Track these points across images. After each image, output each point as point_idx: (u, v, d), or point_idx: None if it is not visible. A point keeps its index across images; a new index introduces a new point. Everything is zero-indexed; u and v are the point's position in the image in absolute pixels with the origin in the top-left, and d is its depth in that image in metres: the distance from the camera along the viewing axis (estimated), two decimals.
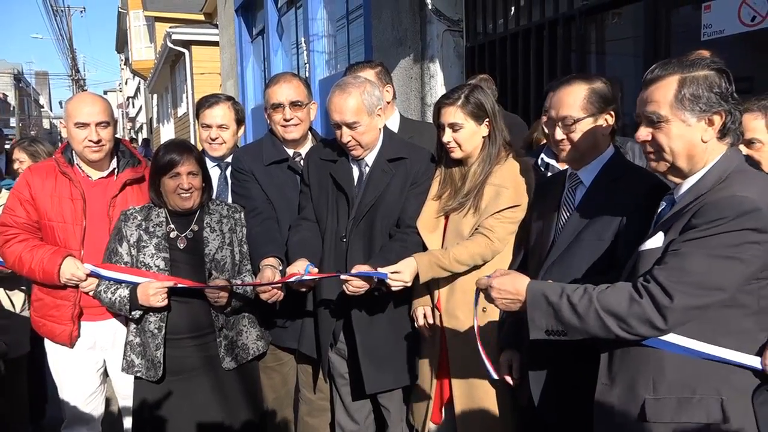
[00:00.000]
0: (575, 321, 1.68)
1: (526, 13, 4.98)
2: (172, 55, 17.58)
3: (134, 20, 25.76)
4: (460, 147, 2.49)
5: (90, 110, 2.74)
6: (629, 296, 1.62)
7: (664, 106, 1.65)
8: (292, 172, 2.91)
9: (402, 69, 5.98)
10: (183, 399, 2.64)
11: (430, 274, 2.46)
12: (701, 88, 1.63)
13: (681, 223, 1.62)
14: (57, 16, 33.51)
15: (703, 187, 1.65)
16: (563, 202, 2.21)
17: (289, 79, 2.91)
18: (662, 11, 3.84)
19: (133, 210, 2.69)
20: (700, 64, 1.66)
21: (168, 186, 2.61)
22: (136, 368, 2.64)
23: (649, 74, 1.71)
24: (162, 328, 2.60)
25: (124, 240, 2.64)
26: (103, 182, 2.84)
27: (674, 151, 1.66)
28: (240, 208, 2.85)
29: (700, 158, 1.67)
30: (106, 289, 2.63)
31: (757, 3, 3.31)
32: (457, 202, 2.52)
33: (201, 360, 2.66)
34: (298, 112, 2.88)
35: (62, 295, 2.79)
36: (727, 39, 3.51)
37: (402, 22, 5.95)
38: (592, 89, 2.09)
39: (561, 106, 2.11)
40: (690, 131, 1.65)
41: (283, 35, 11.20)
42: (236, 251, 2.74)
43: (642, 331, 1.61)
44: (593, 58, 4.61)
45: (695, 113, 1.63)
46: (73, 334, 2.82)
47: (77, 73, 45.34)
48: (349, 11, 8.42)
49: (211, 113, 3.15)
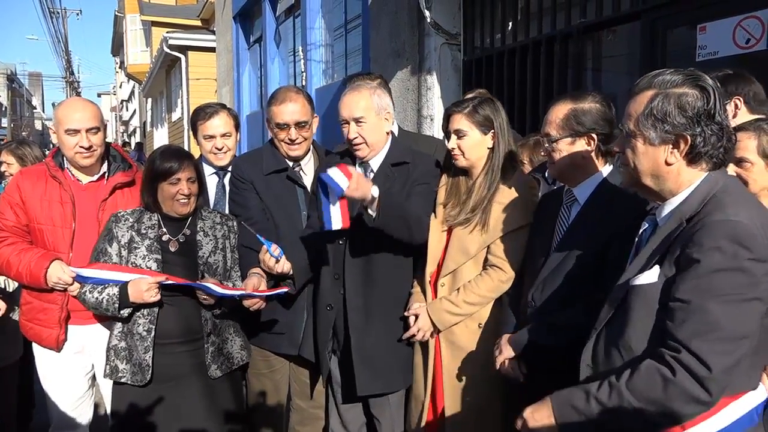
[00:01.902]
0: (611, 420, 1.53)
1: (524, 28, 5.03)
2: (168, 59, 17.55)
3: (131, 24, 25.77)
4: (464, 155, 2.52)
5: (80, 116, 2.74)
6: (661, 377, 1.45)
7: (633, 120, 1.58)
8: (291, 182, 2.92)
9: (399, 80, 6.01)
10: (168, 406, 2.62)
11: (448, 326, 2.52)
12: (672, 107, 1.52)
13: (674, 254, 1.51)
14: (53, 17, 33.45)
15: (686, 210, 1.55)
16: (559, 217, 2.23)
17: (294, 98, 2.87)
18: (659, 31, 3.89)
19: (125, 212, 2.69)
20: (685, 81, 1.54)
21: (167, 192, 2.62)
22: (120, 373, 2.60)
23: (635, 86, 1.63)
24: (152, 330, 2.58)
25: (114, 240, 2.63)
26: (93, 186, 2.85)
27: (638, 168, 1.60)
28: (233, 217, 2.87)
29: (672, 180, 1.57)
30: (91, 289, 2.59)
31: (752, 26, 3.36)
32: (463, 216, 2.53)
33: (188, 367, 2.64)
34: (303, 132, 2.89)
35: (50, 298, 2.78)
36: (721, 60, 3.56)
37: (400, 33, 5.98)
38: (574, 109, 2.09)
39: (546, 122, 2.15)
40: (653, 151, 1.56)
41: (281, 43, 11.22)
42: (228, 257, 2.77)
43: (687, 411, 1.45)
44: (589, 76, 4.66)
45: (658, 133, 1.54)
46: (60, 338, 2.81)
47: (71, 75, 45.17)
48: (347, 21, 8.46)
49: (212, 123, 3.16)
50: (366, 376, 2.62)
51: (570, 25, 4.55)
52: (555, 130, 2.11)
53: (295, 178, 2.92)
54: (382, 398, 2.73)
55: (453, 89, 5.55)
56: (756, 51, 3.35)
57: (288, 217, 2.88)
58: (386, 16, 6.26)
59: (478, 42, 5.53)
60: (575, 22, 4.52)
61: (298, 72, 10.19)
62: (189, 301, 2.62)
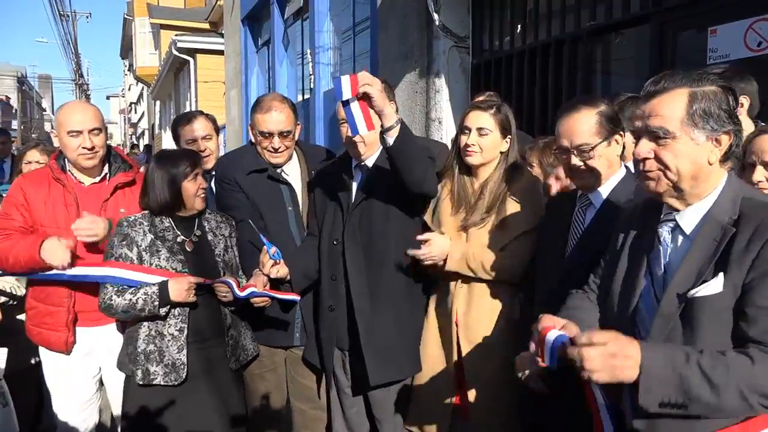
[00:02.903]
0: (707, 393, 1.37)
1: (533, 31, 5.02)
2: (176, 62, 17.64)
3: (140, 27, 25.91)
4: (482, 152, 2.55)
5: (82, 118, 2.76)
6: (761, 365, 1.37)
7: (672, 121, 1.51)
8: (274, 180, 2.95)
9: (407, 83, 6.00)
10: (198, 401, 2.66)
11: (455, 267, 2.52)
12: (713, 105, 1.49)
13: (741, 260, 1.45)
14: (63, 20, 33.68)
15: (722, 214, 1.51)
16: (574, 221, 2.21)
17: (279, 107, 2.90)
18: (669, 34, 3.87)
19: (136, 217, 2.71)
20: (708, 78, 1.53)
21: (190, 189, 2.70)
22: (152, 376, 2.62)
23: (653, 86, 1.56)
24: (184, 329, 2.63)
25: (134, 245, 2.65)
26: (96, 187, 2.87)
27: (680, 171, 1.52)
28: (231, 217, 2.93)
29: (704, 181, 1.54)
30: (119, 292, 2.60)
31: (764, 29, 3.34)
32: (479, 217, 2.56)
33: (214, 362, 2.71)
34: (286, 141, 2.92)
35: (55, 302, 2.78)
36: (732, 63, 3.54)
37: (409, 36, 5.98)
38: (601, 112, 2.10)
39: (574, 134, 2.10)
40: (698, 150, 1.51)
41: (289, 46, 11.24)
42: (237, 253, 2.88)
43: None
44: (598, 79, 4.64)
45: (705, 131, 1.50)
46: (69, 341, 2.81)
47: (81, 78, 45.46)
48: (356, 24, 8.47)
49: (192, 128, 3.32)
50: (378, 366, 2.63)
51: (579, 28, 4.54)
52: (591, 137, 2.08)
53: (276, 176, 2.95)
54: (385, 394, 2.73)
55: (461, 92, 5.54)
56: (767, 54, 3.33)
57: (274, 213, 2.92)
58: (395, 18, 6.26)
59: (486, 45, 5.52)
60: (584, 24, 4.50)
61: (306, 75, 10.21)
62: (211, 299, 2.69)
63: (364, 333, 2.63)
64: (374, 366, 2.63)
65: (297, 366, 3.01)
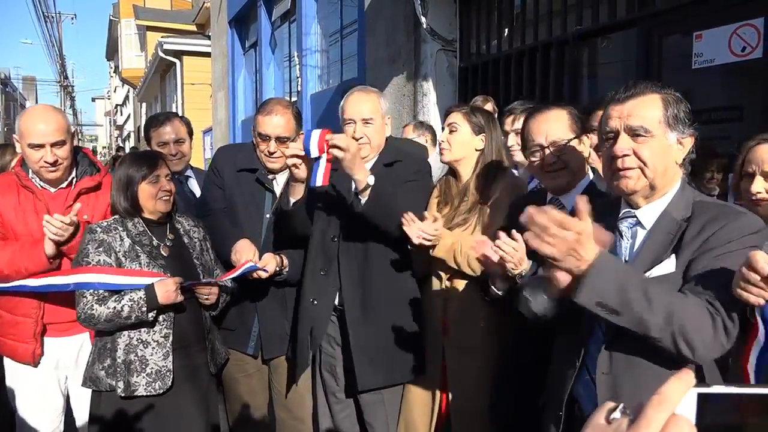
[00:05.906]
0: (640, 302, 1.45)
1: (520, 35, 5.04)
2: (163, 64, 17.55)
3: (125, 28, 25.75)
4: (450, 148, 2.57)
5: (44, 129, 2.56)
6: (707, 311, 1.49)
7: (652, 121, 1.62)
8: (258, 185, 2.91)
9: (395, 86, 6.00)
10: (183, 407, 2.58)
11: (442, 253, 2.52)
12: (680, 110, 1.63)
13: (690, 248, 1.59)
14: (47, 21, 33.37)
15: (677, 211, 1.64)
16: None
17: (281, 112, 2.86)
18: (655, 38, 3.90)
19: (109, 222, 2.62)
20: (665, 88, 1.68)
21: (148, 192, 2.59)
22: (133, 387, 2.50)
23: (625, 91, 1.67)
24: (169, 335, 2.56)
25: (111, 250, 2.56)
26: (63, 193, 2.74)
27: (656, 168, 1.63)
28: (200, 220, 2.89)
29: (670, 179, 1.66)
30: (100, 300, 2.49)
31: (748, 34, 3.37)
32: (461, 217, 2.57)
33: (197, 367, 2.66)
34: (283, 147, 2.85)
35: (23, 312, 2.67)
36: (717, 68, 3.57)
37: (396, 39, 5.98)
38: (570, 111, 2.21)
39: (549, 130, 2.18)
40: (669, 150, 1.64)
41: (276, 48, 11.22)
42: (212, 255, 2.83)
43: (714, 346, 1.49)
44: (585, 82, 4.66)
45: (676, 133, 1.63)
46: (36, 352, 2.70)
47: (66, 80, 45.06)
48: (343, 27, 8.46)
49: (164, 131, 3.28)
50: (366, 370, 2.61)
51: (566, 32, 4.56)
52: (565, 132, 2.16)
53: (263, 181, 2.91)
54: (376, 400, 2.70)
55: (449, 95, 5.55)
56: (752, 59, 3.36)
57: (249, 217, 2.89)
58: (382, 21, 6.26)
59: (474, 48, 5.54)
60: (571, 29, 4.53)
61: (293, 77, 10.18)
62: (193, 303, 2.64)
63: (353, 332, 2.62)
64: (363, 367, 2.60)
65: (276, 373, 2.98)
